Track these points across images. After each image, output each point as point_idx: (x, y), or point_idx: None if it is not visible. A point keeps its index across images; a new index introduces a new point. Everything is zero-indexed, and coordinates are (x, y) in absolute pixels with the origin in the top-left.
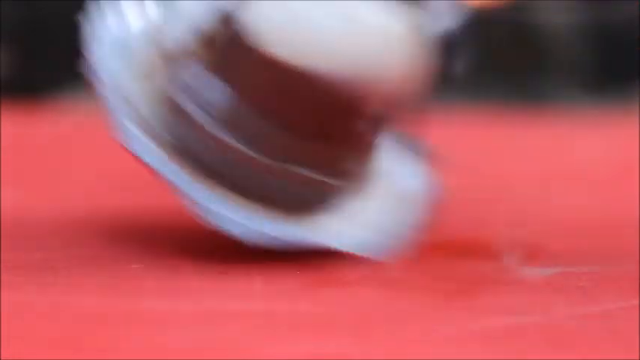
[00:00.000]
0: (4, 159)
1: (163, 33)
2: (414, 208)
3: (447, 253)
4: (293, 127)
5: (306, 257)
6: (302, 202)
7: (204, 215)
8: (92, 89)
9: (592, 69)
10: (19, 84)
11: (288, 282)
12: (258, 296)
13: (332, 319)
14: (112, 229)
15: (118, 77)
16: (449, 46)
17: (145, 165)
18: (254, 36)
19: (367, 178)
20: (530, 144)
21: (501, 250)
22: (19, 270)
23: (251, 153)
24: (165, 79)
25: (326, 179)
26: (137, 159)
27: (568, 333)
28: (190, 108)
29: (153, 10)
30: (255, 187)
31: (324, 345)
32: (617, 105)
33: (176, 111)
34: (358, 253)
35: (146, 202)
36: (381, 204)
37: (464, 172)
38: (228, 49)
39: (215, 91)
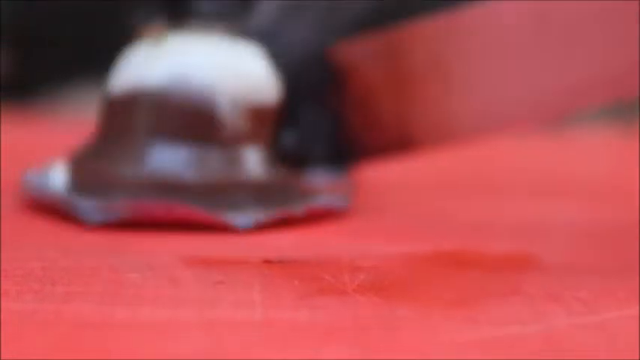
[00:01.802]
0: (3, 162)
1: None
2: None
3: (445, 262)
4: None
5: (305, 266)
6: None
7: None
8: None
9: None
10: (20, 84)
11: (286, 290)
12: (256, 305)
13: (331, 328)
14: (111, 237)
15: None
16: None
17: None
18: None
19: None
20: (528, 152)
21: (499, 260)
22: (18, 279)
23: None
24: None
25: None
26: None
27: (567, 343)
28: None
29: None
30: None
31: (323, 353)
32: (617, 110)
33: None
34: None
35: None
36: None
37: (461, 180)
38: None
39: None
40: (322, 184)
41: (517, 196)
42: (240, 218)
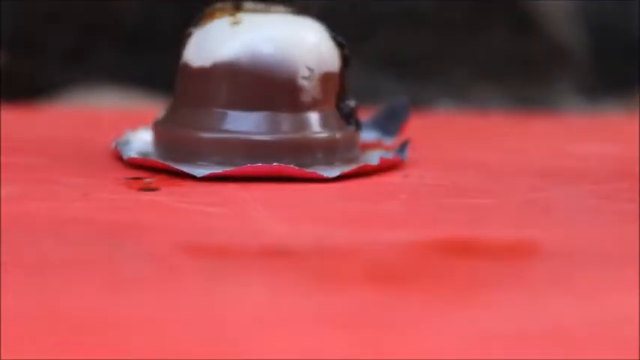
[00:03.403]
0: (3, 158)
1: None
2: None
3: (447, 250)
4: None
5: (306, 255)
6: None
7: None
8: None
9: (591, 72)
10: (19, 83)
11: (286, 280)
12: (256, 294)
13: (331, 318)
14: (110, 229)
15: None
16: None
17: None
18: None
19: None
20: (530, 146)
21: (502, 248)
22: (17, 270)
23: None
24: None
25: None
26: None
27: (569, 334)
28: None
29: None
30: None
31: (323, 345)
32: (617, 108)
33: None
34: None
35: (145, 202)
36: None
37: (463, 172)
38: None
39: None
40: (375, 141)
41: (521, 179)
42: (329, 171)
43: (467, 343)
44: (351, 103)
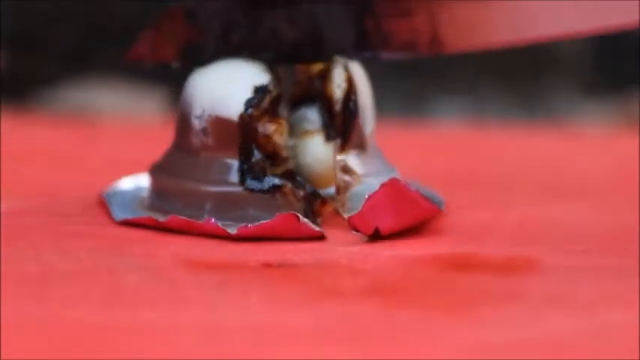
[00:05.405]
0: (3, 161)
1: None
2: None
3: (446, 265)
4: None
5: (306, 270)
6: None
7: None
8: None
9: (592, 73)
10: (19, 83)
11: (286, 294)
12: (256, 308)
13: (330, 332)
14: (109, 239)
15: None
16: None
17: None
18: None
19: None
20: (529, 153)
21: (500, 263)
22: (15, 282)
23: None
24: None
25: None
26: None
27: (568, 346)
28: None
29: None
30: None
31: (323, 356)
32: (618, 110)
33: None
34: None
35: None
36: None
37: (461, 187)
38: None
39: None
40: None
41: (520, 194)
42: (230, 228)
43: (466, 358)
44: (258, 157)
